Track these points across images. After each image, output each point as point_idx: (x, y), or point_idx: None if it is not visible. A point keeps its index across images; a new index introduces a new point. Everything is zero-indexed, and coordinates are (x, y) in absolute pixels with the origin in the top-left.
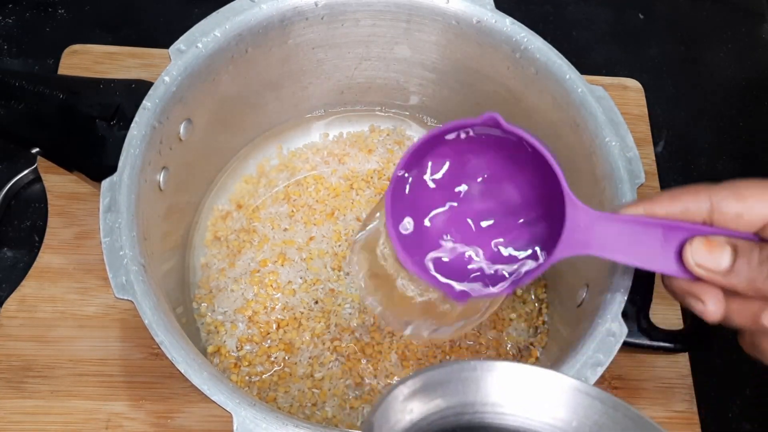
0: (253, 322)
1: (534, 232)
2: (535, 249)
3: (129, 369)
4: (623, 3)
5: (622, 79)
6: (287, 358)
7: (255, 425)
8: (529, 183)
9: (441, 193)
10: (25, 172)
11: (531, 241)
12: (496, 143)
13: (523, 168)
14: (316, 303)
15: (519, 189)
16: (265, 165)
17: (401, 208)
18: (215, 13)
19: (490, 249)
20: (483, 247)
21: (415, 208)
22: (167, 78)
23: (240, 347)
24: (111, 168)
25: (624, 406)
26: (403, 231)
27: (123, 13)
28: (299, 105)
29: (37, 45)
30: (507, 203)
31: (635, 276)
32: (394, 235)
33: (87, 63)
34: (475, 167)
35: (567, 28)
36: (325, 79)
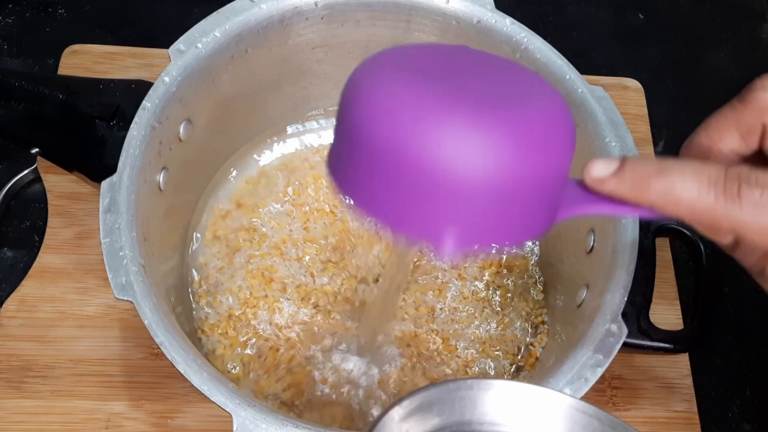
0: (253, 321)
1: None
2: None
3: (129, 369)
4: (623, 3)
5: (622, 79)
6: (286, 358)
7: (255, 425)
8: None
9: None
10: (25, 172)
11: None
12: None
13: None
14: (315, 305)
15: None
16: (265, 165)
17: None
18: (215, 13)
19: None
20: None
21: None
22: (167, 78)
23: (239, 346)
24: (111, 168)
25: (622, 425)
26: None
27: (123, 13)
28: (299, 105)
29: (37, 45)
30: None
31: (635, 276)
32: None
33: (87, 63)
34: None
35: (567, 28)
36: (325, 79)
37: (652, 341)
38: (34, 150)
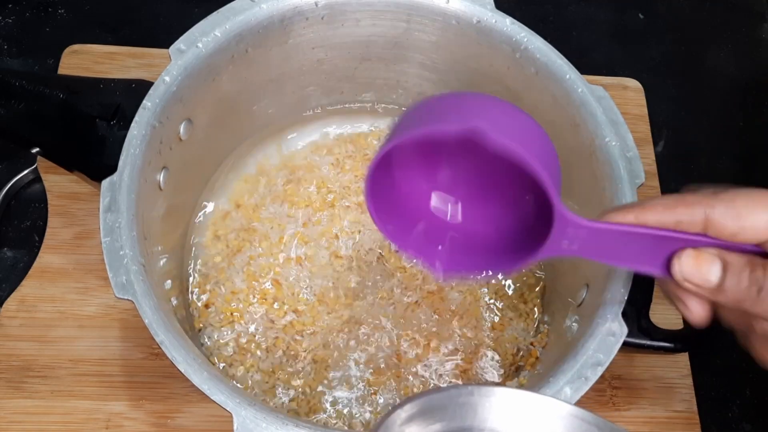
0: (253, 321)
1: (518, 220)
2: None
3: (129, 369)
4: (623, 3)
5: (622, 79)
6: (285, 359)
7: (255, 425)
8: (514, 174)
9: (421, 182)
10: (25, 172)
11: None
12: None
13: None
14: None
15: (503, 181)
16: (265, 164)
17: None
18: (215, 13)
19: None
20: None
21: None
22: (167, 78)
23: (239, 346)
24: (111, 168)
25: (618, 430)
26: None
27: (123, 13)
28: (299, 104)
29: (37, 45)
30: (491, 193)
31: (635, 276)
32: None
33: (87, 63)
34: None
35: (567, 28)
36: (325, 79)
37: (652, 341)
38: (34, 150)
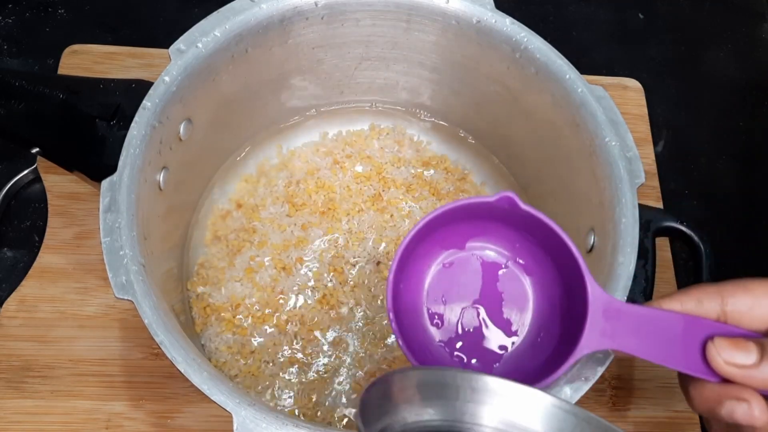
0: (253, 321)
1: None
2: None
3: (129, 369)
4: (623, 3)
5: (622, 79)
6: (285, 359)
7: (255, 425)
8: (542, 270)
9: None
10: (25, 172)
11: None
12: (508, 219)
13: (535, 250)
14: (317, 303)
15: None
16: (265, 164)
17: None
18: (215, 13)
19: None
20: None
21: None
22: (167, 78)
23: (239, 346)
24: (111, 168)
25: (596, 419)
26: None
27: (123, 13)
28: (299, 104)
29: (37, 45)
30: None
31: (635, 276)
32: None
33: (87, 63)
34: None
35: (567, 28)
36: (325, 79)
37: None
38: (34, 150)
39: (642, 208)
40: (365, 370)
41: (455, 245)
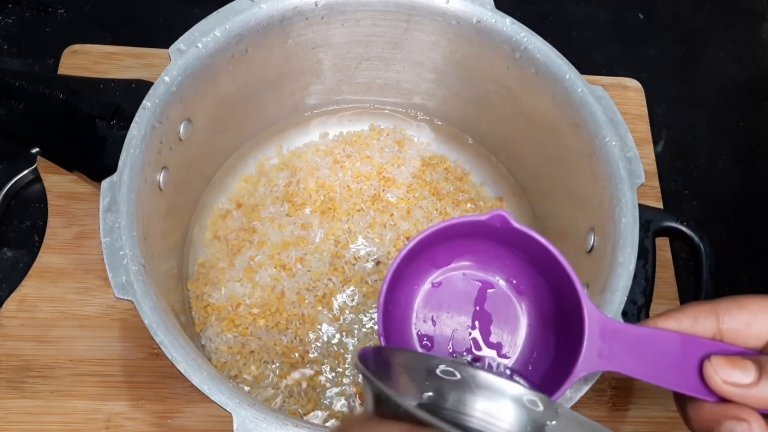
0: (253, 321)
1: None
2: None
3: (129, 369)
4: (623, 3)
5: (622, 79)
6: (285, 359)
7: (255, 425)
8: (536, 287)
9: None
10: (25, 172)
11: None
12: (502, 235)
13: (527, 268)
14: (317, 302)
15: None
16: (265, 164)
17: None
18: (215, 13)
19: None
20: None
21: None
22: (167, 78)
23: (239, 346)
24: (111, 168)
25: (562, 406)
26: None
27: (123, 13)
28: (299, 104)
29: (37, 45)
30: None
31: (635, 275)
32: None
33: (87, 63)
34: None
35: (567, 28)
36: (325, 79)
37: None
38: (34, 150)
39: (642, 208)
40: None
41: (445, 264)
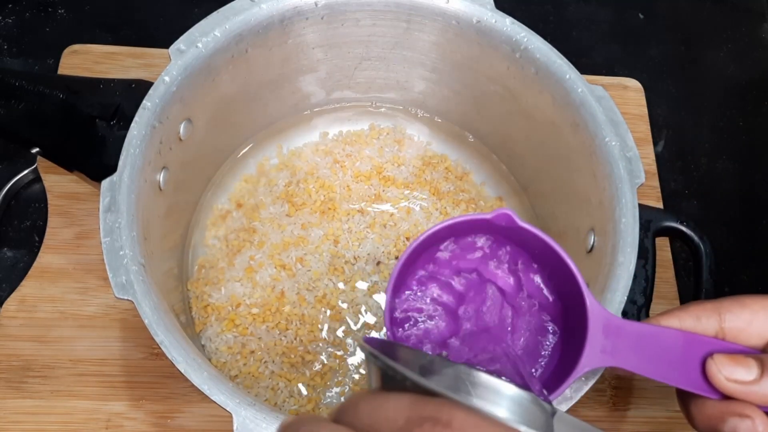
0: (253, 321)
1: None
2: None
3: (129, 369)
4: (623, 3)
5: (622, 79)
6: (285, 359)
7: (255, 425)
8: (539, 283)
9: (444, 286)
10: (25, 172)
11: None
12: (506, 234)
13: (531, 266)
14: (317, 303)
15: (528, 291)
16: (265, 164)
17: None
18: (215, 13)
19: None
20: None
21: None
22: (167, 78)
23: (239, 346)
24: (111, 168)
25: (570, 418)
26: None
27: (123, 13)
28: (299, 104)
29: (37, 45)
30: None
31: (635, 275)
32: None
33: (87, 63)
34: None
35: (567, 28)
36: (325, 79)
37: None
38: (34, 150)
39: (642, 208)
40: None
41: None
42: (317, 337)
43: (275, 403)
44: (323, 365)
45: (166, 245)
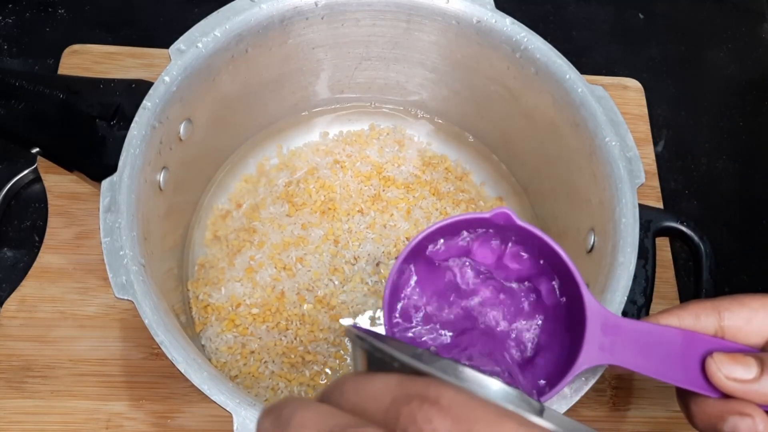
0: (254, 321)
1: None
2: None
3: (129, 369)
4: (623, 3)
5: (622, 79)
6: (285, 360)
7: (255, 425)
8: (537, 282)
9: (441, 287)
10: (25, 172)
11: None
12: (501, 233)
13: (531, 265)
14: (317, 303)
15: (525, 288)
16: (265, 164)
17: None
18: (215, 13)
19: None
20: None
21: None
22: (167, 78)
23: (239, 347)
24: (111, 168)
25: (559, 416)
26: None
27: (123, 13)
28: (299, 104)
29: (37, 45)
30: (512, 303)
31: (635, 275)
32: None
33: (87, 63)
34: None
35: (567, 28)
36: (325, 79)
37: None
38: (34, 150)
39: (642, 208)
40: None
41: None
42: (317, 337)
43: None
44: (323, 365)
45: (166, 245)
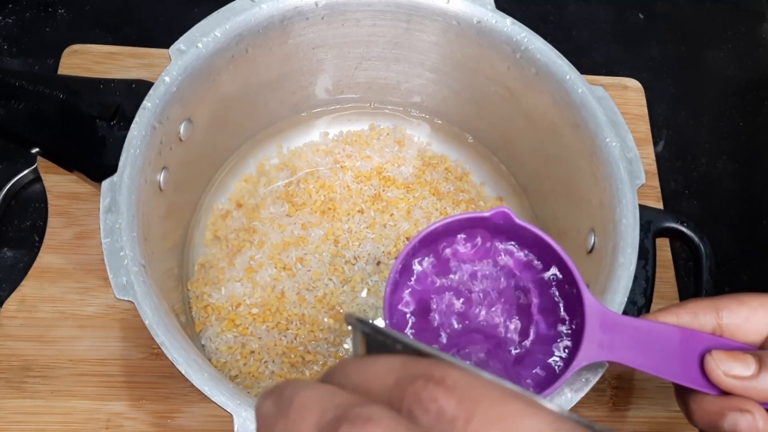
0: (254, 321)
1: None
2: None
3: (129, 369)
4: (623, 3)
5: (622, 79)
6: (285, 360)
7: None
8: (537, 282)
9: (443, 285)
10: (25, 172)
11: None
12: (504, 232)
13: (531, 265)
14: (318, 303)
15: (525, 288)
16: (265, 164)
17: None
18: (215, 13)
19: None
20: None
21: (417, 302)
22: (167, 78)
23: (239, 347)
24: (111, 168)
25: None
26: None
27: (123, 13)
28: (299, 104)
29: (37, 45)
30: (512, 302)
31: (635, 276)
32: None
33: (87, 63)
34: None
35: (567, 28)
36: (326, 79)
37: None
38: (34, 150)
39: (642, 208)
40: None
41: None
42: (317, 337)
43: None
44: (323, 365)
45: (166, 245)
